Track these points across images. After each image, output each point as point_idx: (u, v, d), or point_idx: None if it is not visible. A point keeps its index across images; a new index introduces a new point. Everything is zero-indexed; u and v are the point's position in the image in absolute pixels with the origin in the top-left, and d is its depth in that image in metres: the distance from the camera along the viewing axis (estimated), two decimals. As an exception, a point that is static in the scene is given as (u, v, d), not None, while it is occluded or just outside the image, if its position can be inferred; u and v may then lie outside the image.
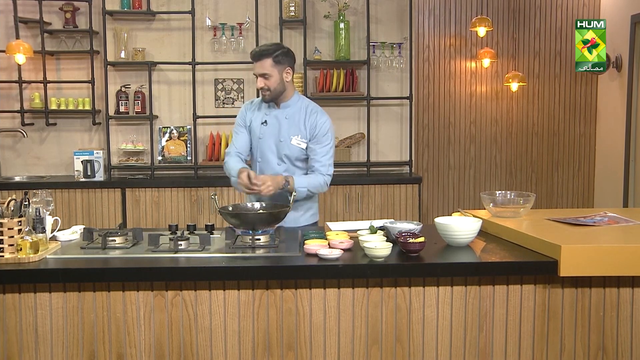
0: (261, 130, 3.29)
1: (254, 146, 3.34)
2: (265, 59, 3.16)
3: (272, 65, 3.16)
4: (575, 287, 2.44)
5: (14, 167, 5.71)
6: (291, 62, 3.24)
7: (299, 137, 3.25)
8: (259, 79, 3.19)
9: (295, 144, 3.25)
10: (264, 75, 3.16)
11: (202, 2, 5.58)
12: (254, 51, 3.21)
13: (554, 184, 6.69)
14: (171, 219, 5.24)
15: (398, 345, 2.44)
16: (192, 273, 2.39)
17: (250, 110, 3.36)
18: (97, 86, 5.56)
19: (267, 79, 3.17)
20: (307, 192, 3.21)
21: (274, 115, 3.28)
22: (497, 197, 3.07)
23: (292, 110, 3.27)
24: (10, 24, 5.47)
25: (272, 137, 3.26)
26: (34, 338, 2.38)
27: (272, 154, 3.27)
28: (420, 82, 6.43)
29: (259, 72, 3.17)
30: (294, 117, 3.26)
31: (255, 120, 3.31)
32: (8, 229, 2.43)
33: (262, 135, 3.28)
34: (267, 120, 3.28)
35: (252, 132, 3.32)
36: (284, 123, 3.26)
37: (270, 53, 3.17)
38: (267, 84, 3.17)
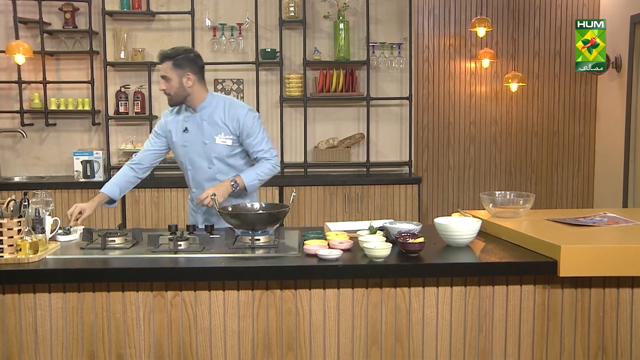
0: (184, 138, 3.27)
1: (180, 155, 3.32)
2: (166, 61, 3.15)
3: (171, 68, 3.14)
4: (575, 287, 2.45)
5: (13, 168, 5.70)
6: (194, 68, 3.18)
7: (222, 134, 3.22)
8: (161, 80, 3.19)
9: (221, 142, 3.22)
10: (164, 77, 3.16)
11: (202, 3, 5.58)
12: (160, 52, 3.21)
13: (553, 184, 6.69)
14: (170, 219, 5.24)
15: (398, 345, 2.44)
16: (191, 273, 2.40)
17: (169, 120, 3.32)
18: (97, 86, 5.56)
19: (167, 82, 3.15)
20: (259, 182, 3.25)
21: (192, 120, 3.26)
22: (496, 197, 3.07)
23: (209, 111, 3.24)
24: (10, 24, 5.47)
25: (197, 142, 3.24)
26: (33, 338, 2.38)
27: (201, 159, 3.26)
28: (420, 83, 6.43)
29: (161, 73, 3.18)
30: (213, 117, 3.23)
31: (176, 130, 3.29)
32: (7, 229, 2.43)
33: (187, 142, 3.26)
34: (188, 127, 3.26)
35: (176, 142, 3.29)
36: (205, 125, 3.23)
37: (171, 56, 3.15)
38: (166, 86, 3.16)
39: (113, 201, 3.29)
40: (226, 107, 3.25)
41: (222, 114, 3.22)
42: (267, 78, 5.69)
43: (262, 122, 3.33)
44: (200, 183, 3.29)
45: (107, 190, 3.26)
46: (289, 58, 5.68)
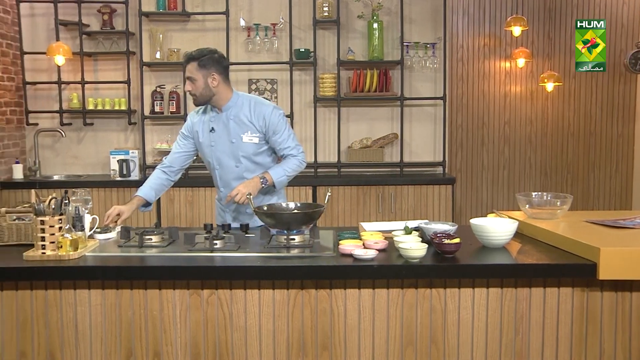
0: (211, 138, 3.29)
1: (207, 155, 3.34)
2: (191, 62, 3.18)
3: (197, 69, 3.17)
4: (615, 290, 2.40)
5: (53, 166, 5.82)
6: (219, 68, 3.21)
7: (249, 133, 3.25)
8: (186, 82, 3.21)
9: (247, 140, 3.26)
10: (190, 79, 3.18)
11: (237, 3, 5.62)
12: (186, 53, 3.26)
13: (590, 185, 6.57)
14: (205, 218, 5.29)
15: (433, 346, 2.43)
16: (227, 272, 2.42)
17: (196, 121, 3.36)
18: (133, 86, 5.65)
19: (193, 83, 3.18)
20: (287, 178, 3.29)
21: (219, 120, 3.29)
22: (533, 198, 3.03)
23: (235, 110, 3.27)
24: (51, 26, 5.59)
25: (224, 141, 3.27)
26: (74, 334, 2.43)
27: (228, 158, 3.28)
28: (454, 82, 6.38)
29: (187, 74, 3.20)
30: (239, 116, 3.26)
31: (203, 130, 3.32)
32: (49, 226, 2.49)
33: (214, 142, 3.29)
34: (214, 127, 3.29)
35: (203, 142, 3.32)
36: (231, 124, 3.26)
37: (196, 57, 3.18)
38: (192, 87, 3.19)
39: (149, 204, 3.35)
40: (252, 105, 3.28)
41: (247, 113, 3.26)
42: (300, 78, 5.70)
43: (289, 121, 3.36)
44: (228, 182, 3.32)
45: (143, 193, 3.31)
46: (322, 58, 5.69)
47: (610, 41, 6.34)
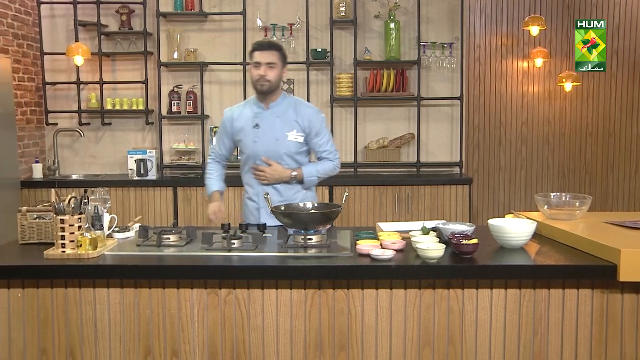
0: (255, 133, 3.30)
1: (248, 150, 3.34)
2: (273, 50, 3.23)
3: (279, 58, 3.23)
4: (636, 292, 2.37)
5: (71, 166, 5.88)
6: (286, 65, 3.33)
7: (294, 132, 3.29)
8: (263, 67, 3.20)
9: (293, 139, 3.29)
10: (270, 64, 3.20)
11: (254, 3, 5.64)
12: (264, 41, 3.30)
13: (608, 185, 6.51)
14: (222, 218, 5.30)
15: (450, 347, 2.42)
16: (245, 272, 2.42)
17: (236, 117, 3.37)
18: (150, 86, 5.68)
19: (271, 68, 3.20)
20: (317, 179, 3.37)
21: (264, 116, 3.31)
22: (551, 199, 3.00)
23: (282, 108, 3.31)
24: (70, 27, 5.65)
25: (268, 138, 3.29)
26: (93, 332, 2.45)
27: (270, 155, 3.30)
28: (471, 82, 6.35)
29: (266, 59, 3.19)
30: (285, 114, 3.30)
31: (245, 126, 3.33)
32: (69, 225, 2.51)
33: (257, 138, 3.30)
34: (259, 123, 3.30)
35: (244, 138, 3.33)
36: (277, 122, 3.29)
37: (279, 47, 3.26)
38: (269, 73, 3.20)
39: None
40: (297, 105, 3.34)
41: (293, 112, 3.31)
42: (317, 78, 5.71)
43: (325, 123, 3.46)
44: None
45: (218, 187, 3.47)
46: (339, 58, 5.69)
47: (630, 40, 6.27)
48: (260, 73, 3.21)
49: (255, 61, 3.23)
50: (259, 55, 3.21)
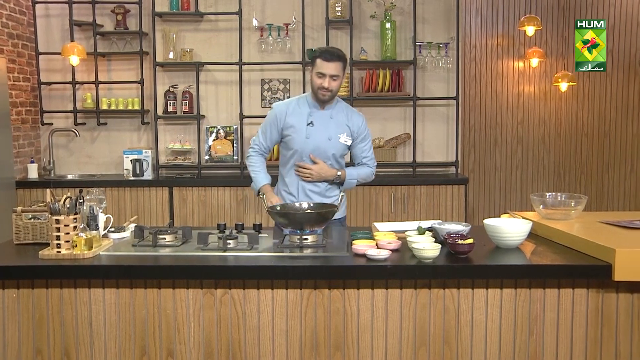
0: (308, 130, 3.32)
1: (299, 146, 3.33)
2: (339, 61, 3.22)
3: (342, 69, 3.25)
4: (631, 292, 2.38)
5: (67, 166, 5.86)
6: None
7: (345, 134, 3.37)
8: (327, 79, 3.21)
9: (343, 141, 3.36)
10: (334, 77, 3.22)
11: (249, 3, 5.64)
12: (331, 51, 3.25)
13: (604, 185, 6.53)
14: (217, 217, 5.31)
15: (446, 347, 2.42)
16: (241, 272, 2.42)
17: (290, 112, 3.37)
18: (146, 86, 5.67)
19: (334, 81, 3.23)
20: (356, 182, 3.43)
21: (319, 115, 3.34)
22: (547, 198, 3.01)
23: (335, 111, 3.38)
24: (65, 27, 5.63)
25: (321, 137, 3.31)
26: (89, 332, 2.45)
27: (319, 153, 3.32)
28: (467, 82, 6.36)
29: (331, 72, 3.20)
30: (338, 117, 3.37)
31: (299, 122, 3.34)
32: (64, 225, 2.50)
33: (309, 135, 3.31)
34: (314, 121, 3.33)
35: (295, 134, 3.33)
36: (331, 122, 3.34)
37: (344, 58, 3.26)
38: (332, 85, 3.22)
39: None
40: (347, 110, 3.42)
41: (345, 117, 3.38)
42: (313, 78, 5.69)
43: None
44: None
45: (268, 179, 3.39)
46: (335, 58, 5.68)
47: (625, 40, 6.29)
48: (324, 85, 3.23)
49: (319, 71, 3.22)
50: (324, 66, 3.21)
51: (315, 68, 3.25)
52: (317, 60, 3.24)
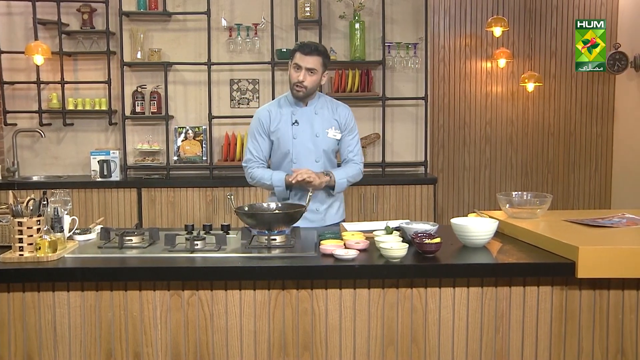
0: (294, 130, 3.25)
1: (287, 147, 3.27)
2: (317, 55, 3.12)
3: (321, 64, 3.15)
4: (594, 289, 2.43)
5: (32, 167, 5.76)
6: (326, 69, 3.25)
7: (333, 129, 3.28)
8: (303, 72, 3.12)
9: (332, 136, 3.28)
10: (311, 70, 3.12)
11: (218, 3, 5.61)
12: (306, 44, 3.15)
13: (570, 184, 6.64)
14: (187, 218, 5.27)
15: (414, 346, 2.44)
16: (208, 273, 2.40)
17: (273, 114, 3.29)
18: (114, 86, 5.60)
19: (311, 75, 3.13)
20: (347, 184, 3.32)
21: (303, 113, 3.26)
22: (513, 198, 3.05)
23: (319, 105, 3.29)
24: (29, 25, 5.53)
25: (307, 135, 3.25)
26: (52, 336, 2.41)
27: (309, 152, 3.25)
28: (436, 83, 6.41)
29: (307, 65, 3.11)
30: (323, 111, 3.28)
31: (283, 123, 3.26)
32: (27, 228, 2.46)
33: (296, 135, 3.25)
34: (298, 120, 3.25)
35: (282, 136, 3.26)
36: (316, 118, 3.26)
37: (323, 52, 3.15)
38: (308, 79, 3.13)
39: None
40: (331, 104, 3.32)
41: (329, 110, 3.29)
42: (283, 78, 5.69)
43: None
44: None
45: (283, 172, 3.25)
46: (304, 58, 5.68)
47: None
48: (299, 78, 3.13)
49: (295, 63, 3.13)
50: (300, 58, 3.12)
51: (292, 61, 3.17)
52: (296, 53, 3.15)
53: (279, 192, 3.26)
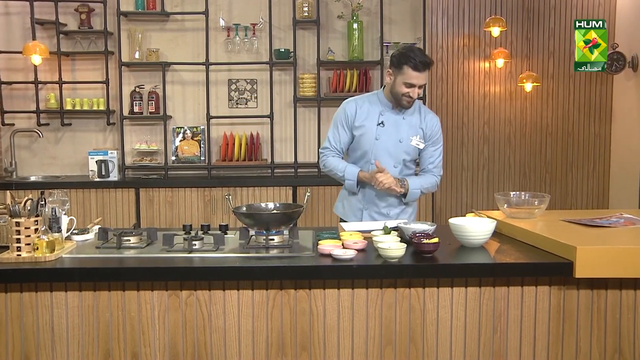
0: (378, 131, 3.22)
1: (367, 147, 3.24)
2: (428, 70, 3.08)
3: (426, 75, 3.11)
4: (591, 288, 2.43)
5: (30, 167, 5.75)
6: None
7: (417, 137, 3.23)
8: (416, 89, 3.07)
9: (415, 144, 3.23)
10: (422, 86, 3.10)
11: (216, 3, 5.60)
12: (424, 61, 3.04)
13: (568, 184, 6.64)
14: (184, 219, 5.27)
15: (412, 346, 2.44)
16: (206, 273, 2.40)
17: (360, 110, 3.25)
18: (112, 86, 5.60)
19: (420, 89, 3.11)
20: (420, 193, 3.28)
21: (390, 116, 3.22)
22: (511, 197, 3.05)
23: (410, 111, 3.23)
24: (27, 25, 5.52)
25: (391, 138, 3.21)
26: (50, 336, 2.40)
27: (389, 156, 3.22)
28: (434, 83, 6.41)
29: (420, 83, 3.07)
30: (412, 118, 3.23)
31: (369, 121, 3.23)
32: (25, 228, 2.46)
33: (379, 136, 3.22)
34: (384, 122, 3.22)
35: (365, 133, 3.23)
36: (403, 124, 3.22)
37: (431, 64, 3.10)
38: (420, 93, 3.11)
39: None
40: (422, 111, 3.26)
41: (419, 118, 3.23)
42: (280, 78, 5.70)
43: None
44: None
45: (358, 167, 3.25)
46: (302, 58, 5.69)
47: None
48: (412, 95, 3.10)
49: (407, 82, 3.06)
50: (414, 77, 3.04)
51: (402, 76, 3.07)
52: (406, 68, 3.04)
53: (349, 186, 3.26)
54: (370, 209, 3.31)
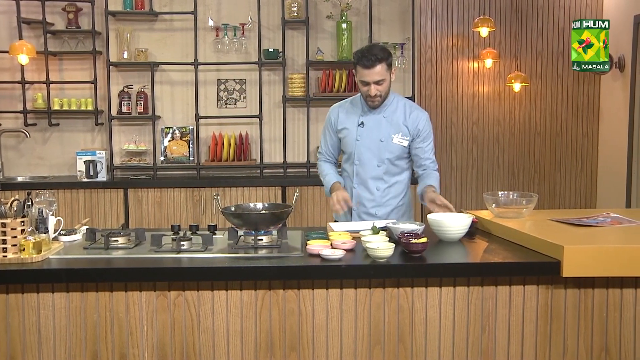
0: (358, 132, 3.22)
1: (350, 149, 3.27)
2: (379, 64, 3.02)
3: (386, 69, 3.06)
4: (578, 287, 2.44)
5: (17, 168, 5.71)
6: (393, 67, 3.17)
7: (399, 135, 3.21)
8: (373, 86, 3.05)
9: (397, 142, 3.21)
10: (379, 82, 3.06)
11: (205, 3, 5.59)
12: (369, 56, 3.01)
13: (556, 184, 6.68)
14: (173, 219, 5.25)
15: (400, 345, 2.44)
16: (194, 273, 2.39)
17: (342, 113, 3.28)
18: (100, 86, 5.57)
19: (380, 85, 3.06)
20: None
21: (371, 115, 3.22)
22: (499, 197, 3.07)
23: (390, 109, 3.22)
24: (13, 24, 5.48)
25: (372, 138, 3.21)
26: (36, 338, 2.39)
27: (372, 156, 3.23)
28: (423, 83, 6.43)
29: (374, 79, 3.03)
30: (393, 116, 3.21)
31: (350, 123, 3.25)
32: (11, 229, 2.44)
33: (360, 137, 3.22)
34: (364, 122, 3.22)
35: (347, 136, 3.25)
36: (383, 122, 3.21)
37: (385, 57, 3.04)
38: (380, 90, 3.08)
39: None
40: (407, 108, 3.23)
41: (402, 115, 3.20)
42: (269, 78, 5.69)
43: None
44: (365, 180, 3.27)
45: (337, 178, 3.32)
46: (291, 58, 5.68)
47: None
48: (370, 93, 3.08)
49: (361, 80, 3.06)
50: (364, 74, 3.03)
51: (357, 75, 3.09)
52: (358, 68, 3.05)
53: (325, 193, 3.39)
54: (359, 209, 3.33)
